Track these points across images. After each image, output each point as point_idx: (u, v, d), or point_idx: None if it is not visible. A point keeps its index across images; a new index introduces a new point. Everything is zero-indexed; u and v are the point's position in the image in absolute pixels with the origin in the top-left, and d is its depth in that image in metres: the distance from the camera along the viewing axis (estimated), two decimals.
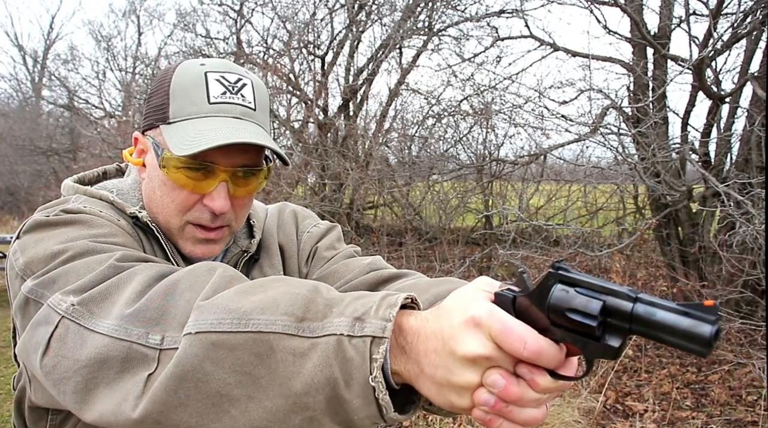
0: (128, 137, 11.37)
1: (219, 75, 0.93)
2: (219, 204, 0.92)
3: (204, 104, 0.91)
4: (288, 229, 1.14)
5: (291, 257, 1.11)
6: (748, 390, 4.17)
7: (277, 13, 8.52)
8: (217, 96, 0.91)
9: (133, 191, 1.01)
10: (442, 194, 8.09)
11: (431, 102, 7.87)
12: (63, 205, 0.92)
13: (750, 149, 5.03)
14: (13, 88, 22.52)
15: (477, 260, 6.66)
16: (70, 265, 0.77)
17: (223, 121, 0.90)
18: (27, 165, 18.12)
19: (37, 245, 0.82)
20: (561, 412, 3.67)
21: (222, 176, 0.92)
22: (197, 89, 0.91)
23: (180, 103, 0.91)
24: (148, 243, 0.95)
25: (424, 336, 0.63)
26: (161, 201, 0.95)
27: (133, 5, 16.65)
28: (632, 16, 5.26)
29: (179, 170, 0.91)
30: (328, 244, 1.12)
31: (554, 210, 8.36)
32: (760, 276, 4.52)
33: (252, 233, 1.08)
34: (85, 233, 0.83)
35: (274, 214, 1.16)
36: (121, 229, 0.90)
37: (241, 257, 1.05)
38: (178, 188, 0.92)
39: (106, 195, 0.97)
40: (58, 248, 0.80)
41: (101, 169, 1.11)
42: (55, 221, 0.86)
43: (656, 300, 0.54)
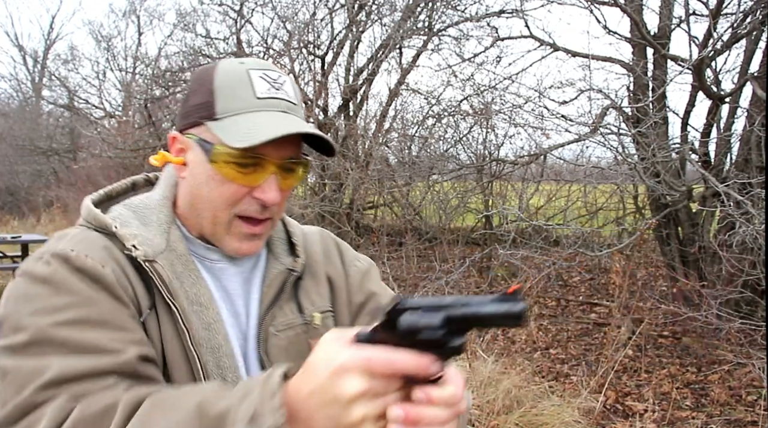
0: (128, 136, 11.40)
1: (261, 72, 0.95)
2: (271, 196, 0.94)
3: (252, 100, 0.93)
4: (335, 260, 1.15)
5: (340, 291, 1.12)
6: (748, 390, 4.17)
7: (277, 13, 8.53)
8: (263, 92, 0.94)
9: (160, 208, 1.01)
10: (442, 194, 8.10)
11: (431, 102, 7.89)
12: (54, 247, 0.91)
13: (750, 149, 5.04)
14: (13, 88, 22.57)
15: (477, 260, 6.66)
16: (11, 364, 0.80)
17: (273, 115, 0.93)
18: (27, 165, 18.14)
19: (12, 304, 0.85)
20: (561, 412, 3.67)
21: (271, 169, 0.94)
22: (243, 86, 0.94)
23: (227, 99, 0.93)
24: (139, 279, 0.93)
25: (306, 398, 0.69)
26: (209, 196, 0.95)
27: (133, 5, 16.67)
28: (632, 16, 5.26)
29: (229, 164, 0.92)
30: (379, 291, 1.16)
31: (554, 210, 8.37)
32: (760, 276, 4.52)
33: (294, 251, 1.09)
34: (49, 306, 0.83)
35: (315, 239, 1.16)
36: (97, 287, 0.87)
37: (288, 276, 1.05)
38: (228, 182, 0.93)
39: (109, 225, 0.95)
40: (14, 324, 0.82)
41: (130, 180, 1.10)
42: (33, 279, 0.87)
43: (476, 299, 0.67)
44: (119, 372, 0.81)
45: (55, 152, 16.93)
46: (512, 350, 5.01)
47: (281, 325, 1.02)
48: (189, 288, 0.95)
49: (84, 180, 13.69)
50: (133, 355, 0.82)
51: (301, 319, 1.04)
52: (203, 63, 9.40)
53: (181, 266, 0.96)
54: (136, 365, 0.83)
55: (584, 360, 4.90)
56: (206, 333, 0.94)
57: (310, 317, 1.05)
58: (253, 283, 1.05)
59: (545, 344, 5.36)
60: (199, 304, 0.95)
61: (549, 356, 5.09)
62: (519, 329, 5.58)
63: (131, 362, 0.82)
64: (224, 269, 1.02)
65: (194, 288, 0.96)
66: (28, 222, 16.84)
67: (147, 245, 0.94)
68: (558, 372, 4.68)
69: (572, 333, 5.63)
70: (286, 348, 1.01)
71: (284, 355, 1.00)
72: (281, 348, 1.00)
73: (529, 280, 5.74)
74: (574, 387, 4.19)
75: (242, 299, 1.02)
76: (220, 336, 0.95)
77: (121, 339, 0.83)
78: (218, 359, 0.94)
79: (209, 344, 0.94)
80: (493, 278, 7.04)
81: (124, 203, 1.02)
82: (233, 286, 1.02)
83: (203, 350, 0.93)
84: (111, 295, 0.87)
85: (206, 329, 0.94)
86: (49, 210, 16.56)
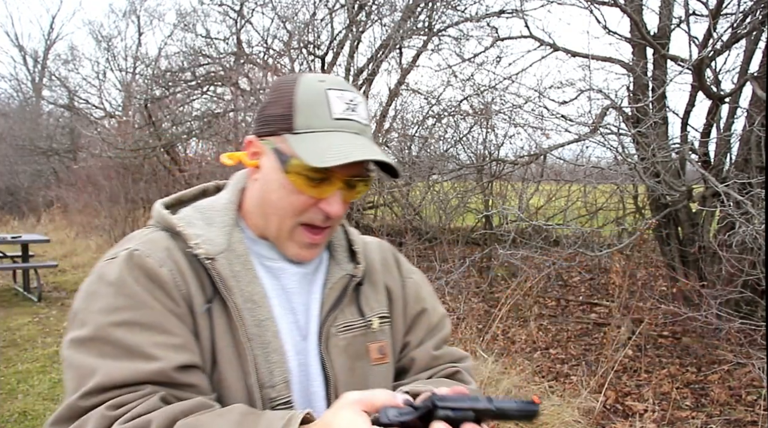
0: (128, 136, 11.38)
1: (339, 93, 1.02)
2: (335, 209, 1.02)
3: (328, 120, 1.00)
4: (392, 270, 1.23)
5: (397, 301, 1.20)
6: (747, 390, 4.17)
7: (277, 13, 8.53)
8: (339, 112, 1.01)
9: (225, 211, 1.08)
10: (442, 194, 8.10)
11: (431, 102, 7.89)
12: (124, 246, 1.02)
13: (750, 149, 5.04)
14: (13, 88, 22.57)
15: (477, 260, 6.67)
16: (75, 357, 0.93)
17: (345, 136, 1.00)
18: (27, 165, 18.14)
19: (84, 300, 0.97)
20: (561, 412, 3.67)
21: (338, 184, 1.01)
22: (321, 105, 1.01)
23: (305, 116, 1.00)
24: (196, 277, 1.01)
25: None
26: (278, 203, 1.03)
27: (134, 5, 16.68)
28: (632, 16, 5.26)
29: (301, 176, 1.00)
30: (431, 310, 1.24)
31: (554, 210, 8.37)
32: (760, 276, 4.52)
33: (355, 258, 1.16)
34: (110, 306, 0.94)
35: (375, 248, 1.24)
36: (153, 285, 0.97)
37: (350, 281, 1.12)
38: (298, 193, 1.01)
39: (175, 225, 1.04)
40: (82, 319, 0.95)
41: (201, 187, 1.19)
42: (101, 278, 0.98)
43: (505, 402, 0.83)
44: (154, 380, 0.90)
45: (55, 152, 16.93)
46: (512, 350, 5.01)
47: (342, 326, 1.09)
48: (245, 287, 1.02)
49: (84, 180, 13.69)
50: (171, 365, 0.91)
51: (361, 322, 1.11)
52: (203, 63, 9.41)
53: (240, 265, 1.03)
54: (172, 374, 0.91)
55: (584, 360, 4.91)
56: (257, 330, 1.01)
57: (370, 321, 1.12)
58: (315, 284, 1.11)
59: (545, 344, 5.36)
60: (252, 302, 1.02)
61: (549, 356, 5.09)
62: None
63: (167, 371, 0.90)
64: (284, 268, 1.09)
65: (250, 287, 1.02)
66: (28, 222, 16.85)
67: (209, 244, 1.02)
68: (558, 372, 4.69)
69: (572, 333, 5.64)
70: (345, 348, 1.08)
71: (343, 354, 1.07)
72: (340, 348, 1.07)
73: (529, 280, 5.74)
74: (574, 387, 4.19)
75: (301, 297, 1.09)
76: (270, 333, 1.02)
77: (164, 344, 0.92)
78: (267, 354, 1.01)
79: (259, 340, 1.00)
80: (493, 278, 7.04)
81: (193, 205, 1.11)
82: (292, 285, 1.09)
83: (254, 344, 0.99)
84: (164, 293, 0.96)
85: (257, 325, 1.01)
86: (49, 210, 16.58)
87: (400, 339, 1.19)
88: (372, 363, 1.10)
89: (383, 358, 1.12)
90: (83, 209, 13.83)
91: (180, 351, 0.93)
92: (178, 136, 10.53)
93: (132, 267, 0.97)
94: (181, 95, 10.13)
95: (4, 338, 6.18)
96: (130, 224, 11.63)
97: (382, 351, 1.12)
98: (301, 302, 1.09)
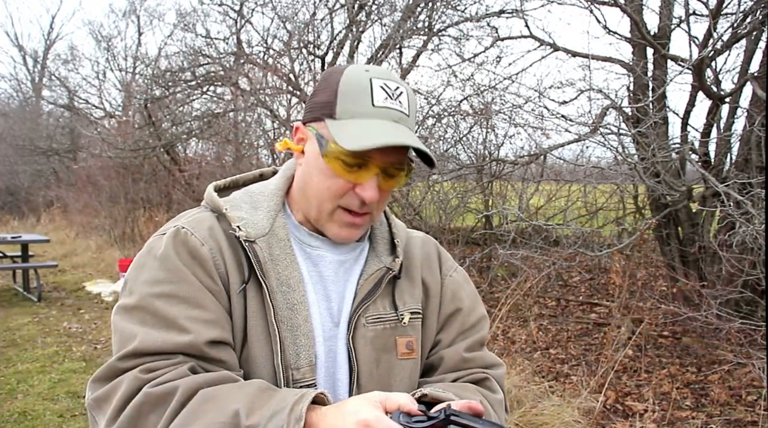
0: (128, 136, 11.37)
1: (382, 82, 1.04)
2: (370, 194, 1.03)
3: (369, 107, 1.02)
4: (433, 266, 1.24)
5: (434, 298, 1.20)
6: (747, 390, 4.17)
7: (277, 13, 8.52)
8: (380, 101, 1.03)
9: (272, 196, 1.13)
10: (442, 194, 8.09)
11: (431, 102, 7.87)
12: (174, 222, 1.09)
13: (750, 149, 5.04)
14: (13, 88, 22.58)
15: (477, 260, 6.66)
16: (120, 323, 1.00)
17: (384, 123, 1.02)
18: (27, 165, 18.15)
19: (134, 270, 1.04)
20: (561, 412, 3.67)
21: (375, 171, 1.03)
22: (363, 93, 1.03)
23: (347, 103, 1.03)
24: (234, 258, 1.05)
25: None
26: (318, 186, 1.06)
27: (133, 5, 16.66)
28: (632, 16, 5.26)
29: (338, 161, 1.02)
30: (468, 311, 1.23)
31: (554, 210, 8.36)
32: (760, 276, 4.52)
33: (395, 251, 1.17)
34: (153, 278, 1.01)
35: (417, 242, 1.26)
36: (194, 262, 1.02)
37: (386, 273, 1.13)
38: (335, 177, 1.04)
39: (221, 207, 1.09)
40: (130, 287, 1.03)
41: (259, 171, 1.24)
42: (149, 251, 1.05)
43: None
44: (185, 352, 0.96)
45: (55, 152, 16.93)
46: (512, 350, 5.01)
47: (372, 318, 1.10)
48: (282, 270, 1.06)
49: (84, 180, 13.70)
50: (202, 339, 0.96)
51: (392, 316, 1.12)
52: (203, 63, 9.40)
53: (279, 249, 1.07)
54: (202, 347, 0.96)
55: (584, 360, 4.90)
56: (288, 313, 1.04)
57: (401, 315, 1.13)
58: (352, 273, 1.13)
59: (545, 344, 5.36)
60: (288, 285, 1.05)
61: (549, 356, 5.09)
62: (520, 330, 5.57)
63: (198, 345, 0.96)
64: (323, 255, 1.12)
65: (287, 271, 1.06)
66: (28, 222, 16.86)
67: (251, 228, 1.06)
68: (558, 372, 4.69)
69: (572, 333, 5.63)
70: (372, 340, 1.09)
71: (369, 346, 1.09)
72: (367, 339, 1.09)
73: (529, 280, 5.74)
74: (574, 387, 4.19)
75: (337, 285, 1.11)
76: (301, 317, 1.05)
77: (198, 318, 0.97)
78: (295, 337, 1.04)
79: (290, 322, 1.04)
80: (493, 278, 7.04)
81: (245, 189, 1.16)
82: (329, 272, 1.11)
83: (284, 327, 1.03)
84: (203, 270, 1.01)
85: (290, 308, 1.04)
86: (49, 210, 16.58)
87: (432, 336, 1.19)
88: (399, 357, 1.11)
89: (410, 353, 1.13)
90: (83, 209, 13.82)
91: (211, 326, 0.98)
92: (178, 136, 10.52)
93: (177, 243, 1.03)
94: (181, 95, 10.12)
95: (4, 338, 6.18)
96: (130, 224, 11.64)
97: (410, 346, 1.13)
98: (337, 291, 1.11)
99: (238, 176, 1.23)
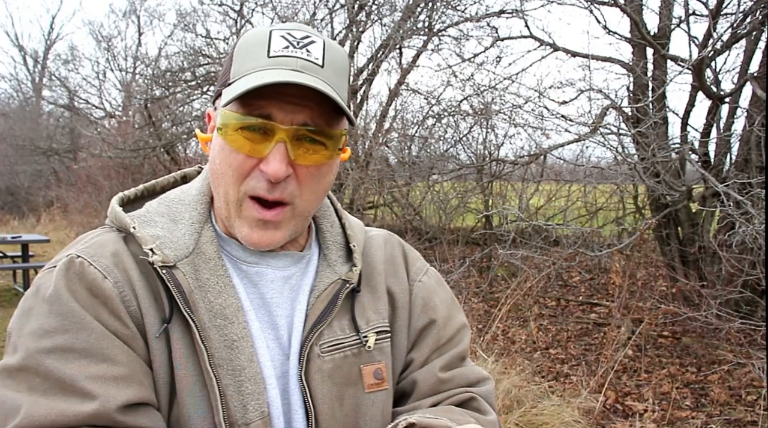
0: (128, 136, 11.39)
1: (285, 32, 0.83)
2: (273, 167, 0.80)
3: (263, 59, 0.81)
4: (399, 270, 1.01)
5: (401, 309, 0.98)
6: (747, 390, 4.17)
7: (277, 13, 8.52)
8: (277, 50, 0.81)
9: (195, 203, 0.90)
10: (442, 194, 8.09)
11: (431, 102, 7.87)
12: (67, 250, 0.85)
13: (750, 149, 5.04)
14: (13, 88, 22.59)
15: (477, 260, 6.67)
16: (6, 392, 0.76)
17: (279, 71, 0.79)
18: (27, 165, 18.15)
19: (18, 319, 0.82)
20: (561, 412, 3.67)
21: (280, 136, 0.80)
22: (259, 47, 0.82)
23: (240, 62, 0.83)
24: (149, 291, 0.83)
25: None
26: (220, 170, 0.84)
27: (134, 5, 16.66)
28: (632, 16, 5.26)
29: (236, 132, 0.81)
30: (443, 324, 1.01)
31: (554, 210, 8.36)
32: (760, 276, 4.52)
33: (352, 258, 0.95)
34: (42, 328, 0.78)
35: (378, 242, 1.02)
36: (95, 301, 0.80)
37: (342, 287, 0.91)
38: (235, 152, 0.82)
39: (128, 225, 0.85)
40: (14, 342, 0.79)
41: (181, 173, 1.01)
42: (36, 292, 0.82)
43: None
44: (92, 424, 0.73)
45: (55, 152, 16.93)
46: (512, 350, 5.01)
47: (328, 345, 0.88)
48: (213, 299, 0.84)
49: (84, 180, 13.70)
50: (113, 404, 0.74)
51: (353, 339, 0.90)
52: (203, 63, 9.41)
53: (209, 272, 0.85)
54: (114, 415, 0.74)
55: (584, 360, 4.90)
56: (228, 353, 0.82)
57: (365, 337, 0.91)
58: (300, 291, 0.91)
59: (545, 344, 5.36)
60: (223, 317, 0.83)
61: (549, 356, 5.09)
62: (519, 330, 5.57)
63: (107, 413, 0.74)
64: (263, 273, 0.89)
65: (220, 298, 0.84)
66: (28, 222, 16.85)
67: (170, 248, 0.83)
68: (558, 372, 4.69)
69: (572, 333, 5.63)
70: (331, 373, 0.88)
71: (328, 381, 0.87)
72: (324, 373, 0.87)
73: (529, 280, 5.74)
74: (574, 387, 4.19)
75: (284, 309, 0.89)
76: (244, 357, 0.83)
77: (103, 376, 0.75)
78: (240, 383, 0.82)
79: (230, 365, 0.82)
80: (493, 278, 7.04)
81: (160, 198, 0.92)
82: (273, 294, 0.89)
83: (223, 372, 0.81)
84: (108, 311, 0.79)
85: (229, 347, 0.82)
86: (49, 210, 16.57)
87: (402, 356, 0.97)
88: (366, 390, 0.90)
89: (380, 383, 0.91)
90: (83, 209, 13.82)
91: (123, 384, 0.76)
92: (178, 136, 10.53)
93: (71, 278, 0.79)
94: (181, 95, 10.13)
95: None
96: None
97: (379, 374, 0.91)
98: (284, 315, 0.89)
99: (154, 181, 0.98)
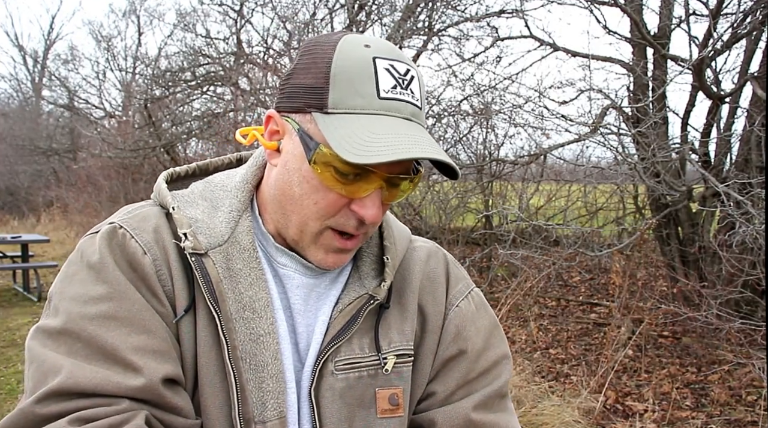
0: (128, 136, 11.39)
1: (388, 63, 0.77)
2: (372, 213, 0.78)
3: (373, 99, 0.75)
4: (438, 289, 0.93)
5: (431, 333, 0.90)
6: (748, 390, 4.17)
7: (277, 13, 8.52)
8: (387, 90, 0.76)
9: (237, 191, 0.86)
10: (442, 194, 8.09)
11: (431, 102, 7.87)
12: (112, 218, 0.83)
13: (750, 149, 5.04)
14: (13, 88, 22.58)
15: (477, 260, 6.67)
16: (39, 351, 0.74)
17: (393, 121, 0.76)
18: (27, 165, 18.15)
19: (60, 282, 0.80)
20: (561, 412, 3.67)
21: (378, 183, 0.77)
22: (365, 78, 0.75)
23: (343, 91, 0.75)
24: (185, 273, 0.80)
25: None
26: (300, 201, 0.79)
27: (133, 5, 16.67)
28: (632, 16, 5.26)
29: (331, 170, 0.76)
30: (475, 357, 0.91)
31: (554, 210, 8.37)
32: (760, 276, 4.52)
33: (384, 272, 0.88)
34: (85, 294, 0.76)
35: (420, 256, 0.95)
36: (135, 275, 0.78)
37: (367, 302, 0.85)
38: (326, 189, 0.77)
39: (168, 205, 0.83)
40: (55, 305, 0.78)
41: (237, 155, 0.96)
42: (80, 258, 0.80)
43: None
44: (136, 397, 0.72)
45: (55, 152, 16.93)
46: (512, 350, 5.01)
47: (343, 362, 0.83)
48: (244, 290, 0.80)
49: (84, 180, 13.71)
50: (157, 377, 0.72)
51: (371, 360, 0.85)
52: (203, 63, 9.41)
53: (242, 262, 0.82)
54: (160, 390, 0.73)
55: (584, 360, 4.90)
56: (252, 346, 0.79)
57: (384, 359, 0.85)
58: (325, 302, 0.87)
59: (545, 344, 5.36)
60: (252, 310, 0.80)
61: (549, 356, 5.08)
62: (519, 330, 5.58)
63: (153, 386, 0.72)
64: (290, 276, 0.85)
65: (250, 291, 0.81)
66: (28, 222, 16.85)
67: (204, 235, 0.80)
68: (558, 372, 4.68)
69: (572, 333, 5.63)
70: (342, 393, 0.83)
71: (338, 401, 0.82)
72: (336, 392, 0.82)
73: (529, 280, 5.74)
74: (574, 387, 4.19)
75: (306, 318, 0.85)
76: (269, 353, 0.79)
77: (144, 348, 0.74)
78: (261, 379, 0.79)
79: (254, 360, 0.79)
80: (493, 278, 7.04)
81: (206, 180, 0.89)
82: (296, 299, 0.85)
83: (246, 366, 0.78)
84: (146, 287, 0.78)
85: (254, 341, 0.79)
86: (49, 210, 16.57)
87: (423, 384, 0.90)
88: (379, 415, 0.84)
89: (395, 410, 0.85)
90: (83, 209, 13.83)
91: (161, 359, 0.74)
92: (178, 136, 10.53)
93: (113, 248, 0.78)
94: (181, 95, 10.13)
95: (4, 338, 6.18)
96: None
97: (395, 400, 0.85)
98: (305, 323, 0.85)
99: (208, 160, 0.95)
